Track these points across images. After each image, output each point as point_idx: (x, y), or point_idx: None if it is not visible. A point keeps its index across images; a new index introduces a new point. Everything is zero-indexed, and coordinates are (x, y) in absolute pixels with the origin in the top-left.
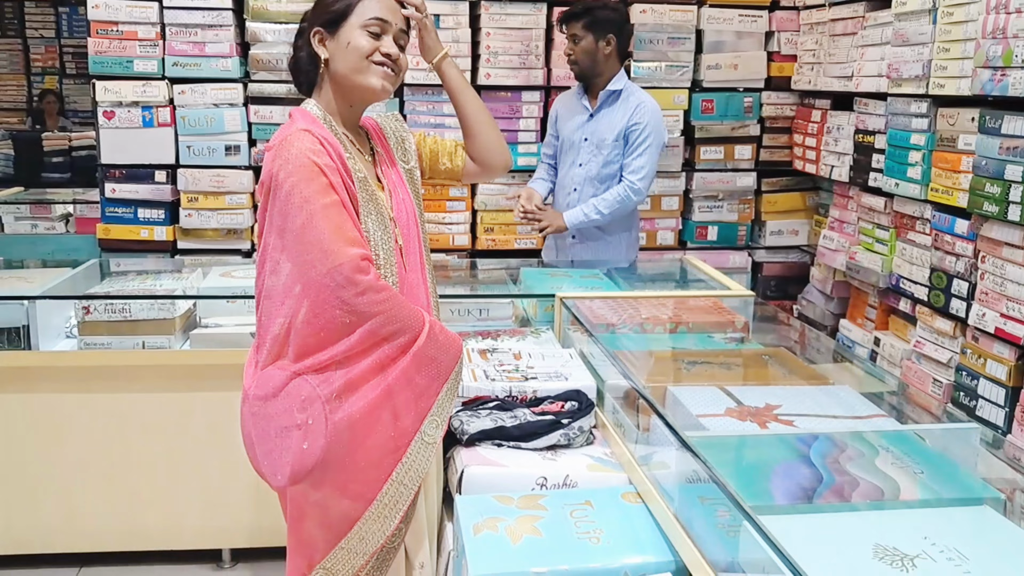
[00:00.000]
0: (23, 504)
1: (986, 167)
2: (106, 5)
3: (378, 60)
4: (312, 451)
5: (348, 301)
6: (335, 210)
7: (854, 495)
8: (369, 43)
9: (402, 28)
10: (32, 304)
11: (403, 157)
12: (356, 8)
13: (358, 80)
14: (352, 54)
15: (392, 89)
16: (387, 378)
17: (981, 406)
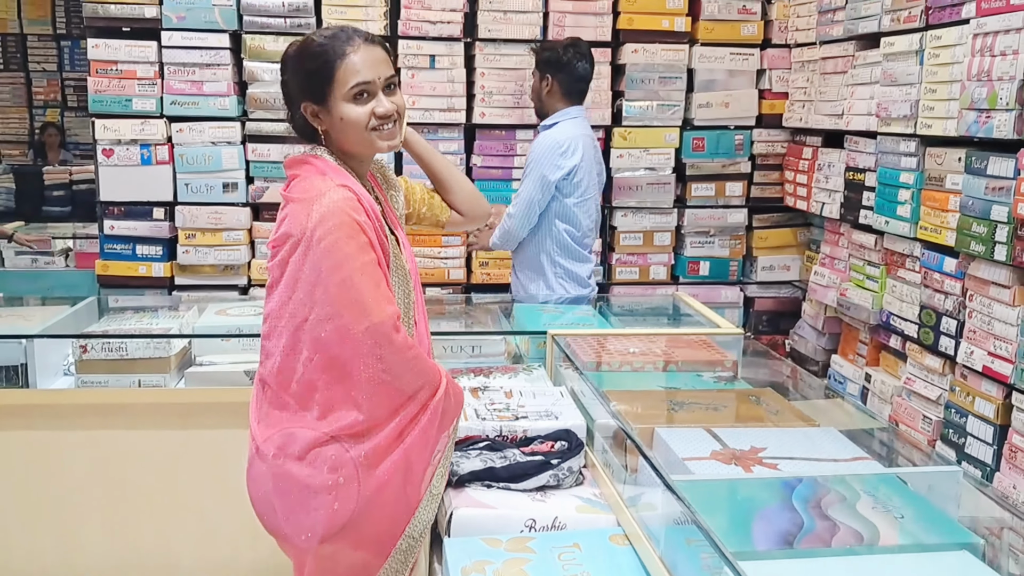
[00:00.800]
0: (21, 540)
1: (973, 207)
2: (106, 45)
3: (374, 125)
4: (343, 512)
5: (385, 359)
6: (372, 268)
7: (834, 540)
8: (363, 112)
9: (388, 76)
10: (30, 342)
11: (395, 204)
12: (336, 76)
13: (363, 150)
14: (349, 128)
15: (399, 139)
16: (407, 436)
17: (970, 443)
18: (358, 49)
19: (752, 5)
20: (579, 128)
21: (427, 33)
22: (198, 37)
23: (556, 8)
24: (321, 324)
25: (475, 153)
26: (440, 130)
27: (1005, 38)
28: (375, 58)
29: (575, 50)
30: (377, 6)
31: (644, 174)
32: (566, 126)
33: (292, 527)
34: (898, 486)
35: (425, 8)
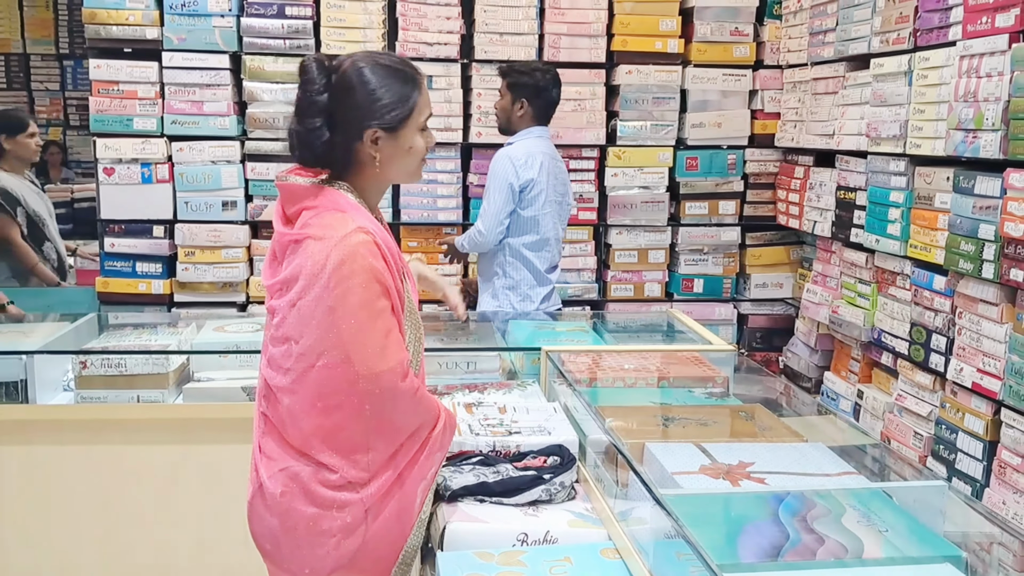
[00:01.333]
0: (19, 555)
1: (961, 225)
2: (107, 65)
3: (424, 156)
4: (348, 549)
5: (391, 406)
6: (386, 316)
7: (819, 553)
8: (425, 144)
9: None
10: (31, 358)
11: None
12: (417, 107)
13: (409, 178)
14: (413, 157)
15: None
16: (407, 472)
17: (960, 459)
18: (424, 82)
19: (744, 27)
20: (540, 146)
21: (424, 54)
22: (198, 58)
23: (551, 31)
24: (330, 370)
25: (471, 172)
26: (437, 149)
27: (991, 60)
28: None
29: (551, 77)
30: (375, 27)
31: (638, 193)
32: (528, 143)
33: (297, 564)
34: (884, 500)
35: (422, 30)
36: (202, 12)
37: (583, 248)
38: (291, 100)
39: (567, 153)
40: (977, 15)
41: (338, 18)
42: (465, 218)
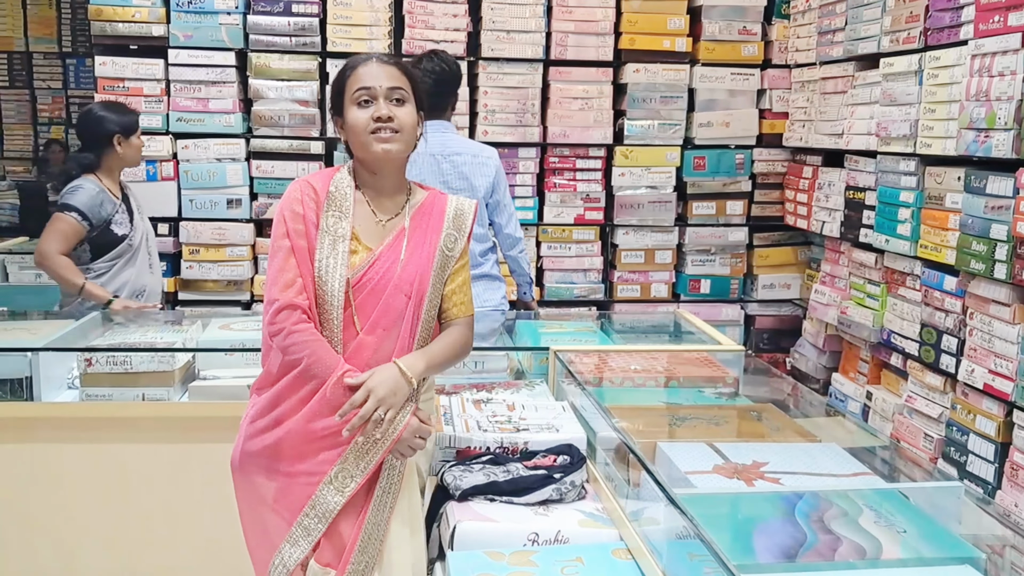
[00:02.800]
0: (22, 553)
1: (972, 225)
2: (113, 62)
3: (373, 128)
4: (235, 451)
5: (275, 331)
6: (283, 253)
7: (837, 554)
8: (362, 115)
9: (392, 86)
10: (35, 355)
11: (447, 244)
12: (347, 85)
13: (364, 154)
14: (354, 132)
15: (398, 148)
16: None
17: (971, 461)
18: (369, 64)
19: (752, 26)
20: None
21: None
22: (204, 55)
23: (558, 28)
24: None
25: None
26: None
27: (1003, 59)
28: (382, 71)
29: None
30: (381, 25)
31: (645, 192)
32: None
33: None
34: (900, 501)
35: (429, 28)
36: (208, 9)
37: (589, 248)
38: (297, 98)
39: (574, 152)
40: (989, 14)
41: (344, 16)
42: None
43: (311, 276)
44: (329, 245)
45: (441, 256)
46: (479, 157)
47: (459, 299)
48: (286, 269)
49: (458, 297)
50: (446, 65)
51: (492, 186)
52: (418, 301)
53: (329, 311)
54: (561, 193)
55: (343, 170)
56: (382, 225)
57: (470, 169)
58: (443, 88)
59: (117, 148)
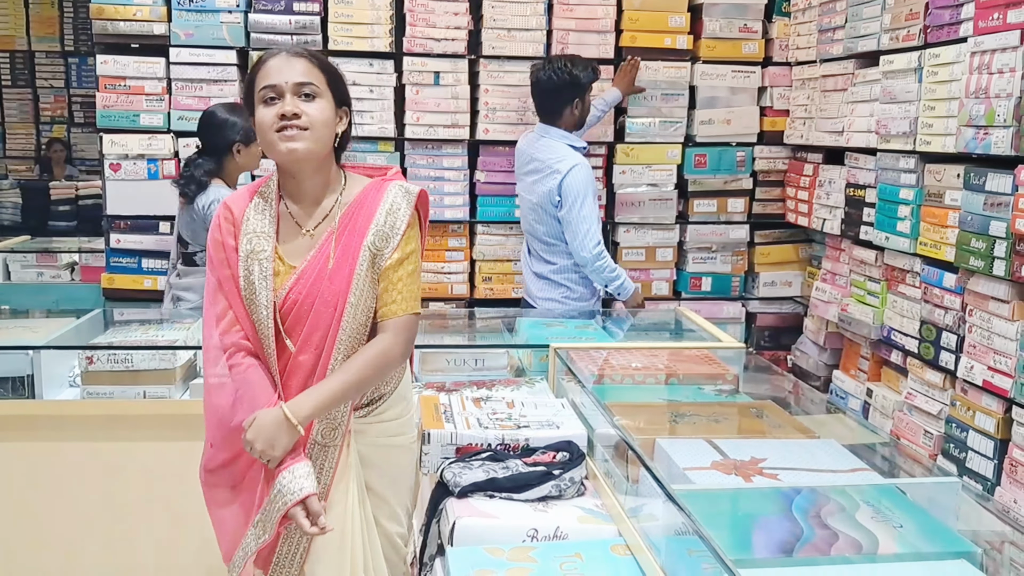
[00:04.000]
0: (24, 550)
1: (972, 222)
2: (114, 61)
3: (278, 127)
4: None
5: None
6: (211, 287)
7: (833, 549)
8: (267, 113)
9: (299, 82)
10: (37, 354)
11: (377, 242)
12: (255, 84)
13: (272, 155)
14: (260, 132)
15: (305, 147)
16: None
17: (971, 458)
18: (277, 57)
19: (753, 24)
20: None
21: (432, 50)
22: (206, 54)
23: (559, 26)
24: None
25: (478, 169)
26: (444, 146)
27: (1002, 56)
28: (291, 66)
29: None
30: (383, 23)
31: (646, 190)
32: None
33: None
34: (897, 497)
35: (430, 26)
36: (210, 8)
37: None
38: None
39: None
40: (988, 11)
41: (346, 14)
42: (472, 215)
43: (242, 306)
44: (250, 270)
45: (369, 256)
46: (548, 165)
47: (390, 297)
48: (215, 303)
49: (389, 295)
50: (554, 73)
51: (555, 198)
52: (341, 310)
53: (262, 337)
54: None
55: (269, 183)
56: (309, 236)
57: (539, 177)
58: (548, 95)
59: (236, 156)
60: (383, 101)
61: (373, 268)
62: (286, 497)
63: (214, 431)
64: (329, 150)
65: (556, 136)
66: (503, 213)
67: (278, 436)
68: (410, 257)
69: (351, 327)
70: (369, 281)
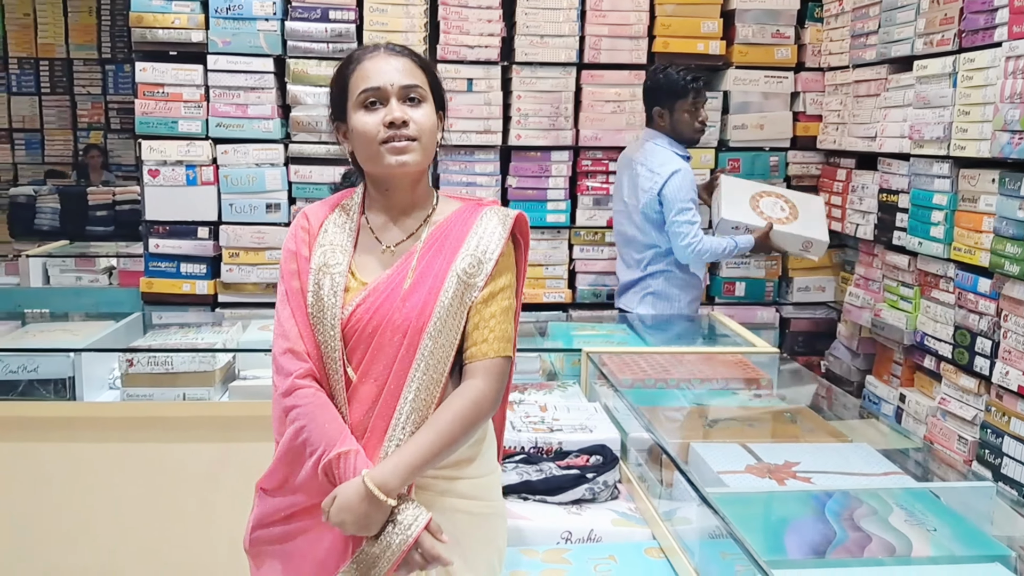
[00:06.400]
0: (65, 549)
1: (1007, 228)
2: (153, 68)
3: (383, 137)
4: (247, 531)
5: (275, 389)
6: (280, 300)
7: (866, 551)
8: (371, 121)
9: (406, 84)
10: (78, 356)
11: (468, 268)
12: (350, 84)
13: (374, 167)
14: (361, 141)
15: (415, 160)
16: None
17: (1006, 464)
18: (375, 57)
19: (786, 29)
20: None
21: (465, 57)
22: (243, 61)
23: (592, 32)
24: None
25: (510, 175)
26: (476, 152)
27: None
28: (392, 66)
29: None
30: (417, 31)
31: None
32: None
33: None
34: (931, 501)
35: (464, 33)
36: (247, 16)
37: None
38: None
39: (607, 155)
40: (1023, 16)
41: (381, 22)
42: None
43: (307, 322)
44: (320, 284)
45: (457, 283)
46: (648, 169)
47: (481, 336)
48: (282, 320)
49: (480, 334)
50: (648, 77)
51: (655, 203)
52: (414, 339)
53: (328, 360)
54: (594, 196)
55: (354, 195)
56: (390, 252)
57: (641, 181)
58: (643, 98)
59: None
60: None
61: (462, 299)
62: (408, 531)
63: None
64: (430, 161)
65: (658, 141)
66: (535, 218)
67: (371, 515)
68: (504, 291)
69: (429, 362)
70: (454, 311)
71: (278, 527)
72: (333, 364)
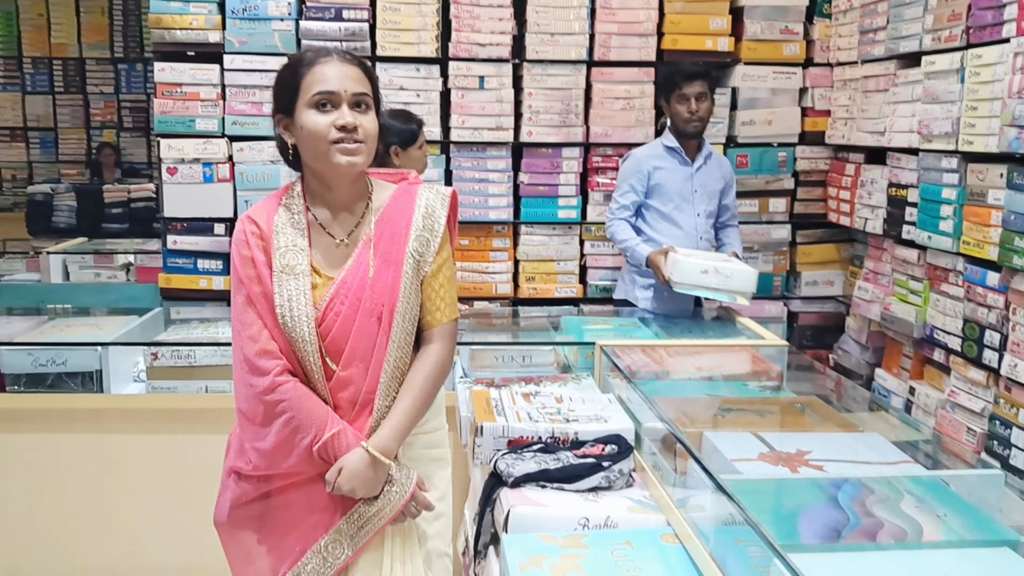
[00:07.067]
0: (89, 538)
1: (1015, 222)
2: (171, 68)
3: (334, 138)
4: (219, 510)
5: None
6: (240, 306)
7: (879, 536)
8: (322, 121)
9: (357, 92)
10: (105, 350)
11: (419, 247)
12: (302, 85)
13: (322, 165)
14: (310, 138)
15: (362, 161)
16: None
17: (1015, 455)
18: (329, 62)
19: (794, 25)
20: None
21: (477, 55)
22: (259, 60)
23: (602, 30)
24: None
25: (522, 171)
26: (488, 148)
27: None
28: (345, 73)
29: None
30: (429, 29)
31: None
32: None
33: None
34: (941, 488)
35: (475, 31)
36: (263, 16)
37: None
38: None
39: (617, 151)
40: None
41: (393, 20)
42: (516, 216)
43: (275, 323)
44: (287, 285)
45: (413, 262)
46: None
47: (435, 305)
48: (248, 323)
49: (433, 303)
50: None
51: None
52: (388, 319)
53: (304, 355)
54: (604, 192)
55: (292, 192)
56: (344, 245)
57: None
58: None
59: (395, 159)
60: (430, 105)
61: (417, 275)
62: (405, 488)
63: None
64: (371, 161)
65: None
66: (546, 214)
67: (377, 478)
68: (448, 261)
69: (399, 337)
70: (415, 287)
71: (256, 504)
72: (310, 358)
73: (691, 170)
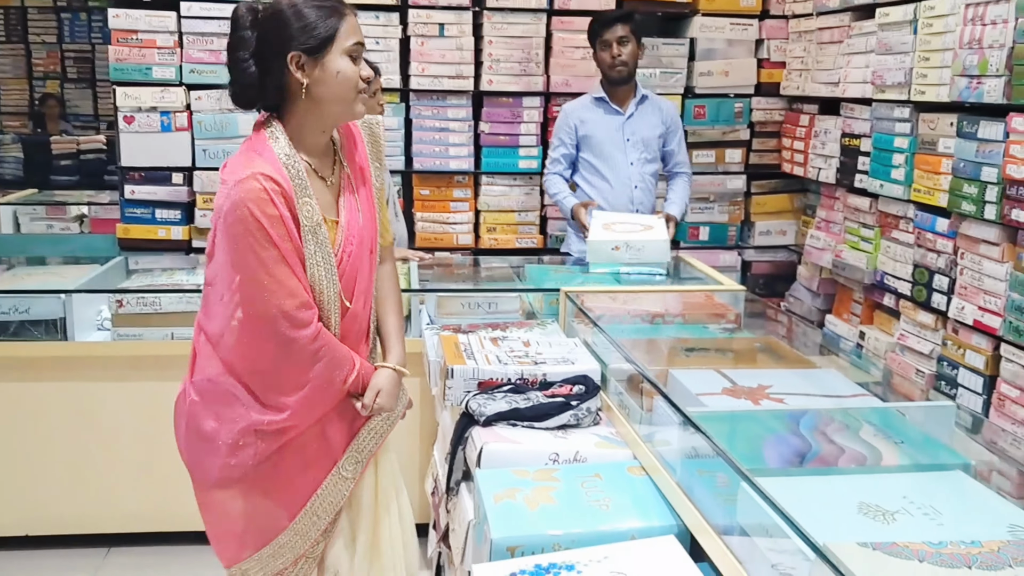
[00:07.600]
0: (57, 486)
1: (964, 169)
2: (126, 15)
3: (361, 88)
4: (237, 469)
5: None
6: (276, 262)
7: (840, 461)
8: (355, 71)
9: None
10: (69, 297)
11: (376, 182)
12: (339, 32)
13: (343, 109)
14: (342, 84)
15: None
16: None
17: (961, 394)
18: (354, 15)
19: None
20: None
21: (436, 2)
22: (216, 7)
23: None
24: (238, 307)
25: (483, 120)
26: (448, 97)
27: (995, 8)
28: (359, 28)
29: None
30: None
31: None
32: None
33: (192, 466)
34: (897, 418)
35: None
36: None
37: None
38: None
39: None
40: None
41: None
42: (476, 167)
43: (304, 275)
44: (312, 239)
45: (376, 194)
46: None
47: (384, 227)
48: (283, 279)
49: (383, 225)
50: None
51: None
52: (375, 251)
53: (327, 300)
54: None
55: (280, 142)
56: (331, 184)
57: None
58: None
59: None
60: (389, 53)
61: (380, 204)
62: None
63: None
64: None
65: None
66: (507, 164)
67: (400, 390)
68: (382, 188)
69: (376, 265)
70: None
71: (273, 456)
72: (329, 301)
73: (621, 119)
